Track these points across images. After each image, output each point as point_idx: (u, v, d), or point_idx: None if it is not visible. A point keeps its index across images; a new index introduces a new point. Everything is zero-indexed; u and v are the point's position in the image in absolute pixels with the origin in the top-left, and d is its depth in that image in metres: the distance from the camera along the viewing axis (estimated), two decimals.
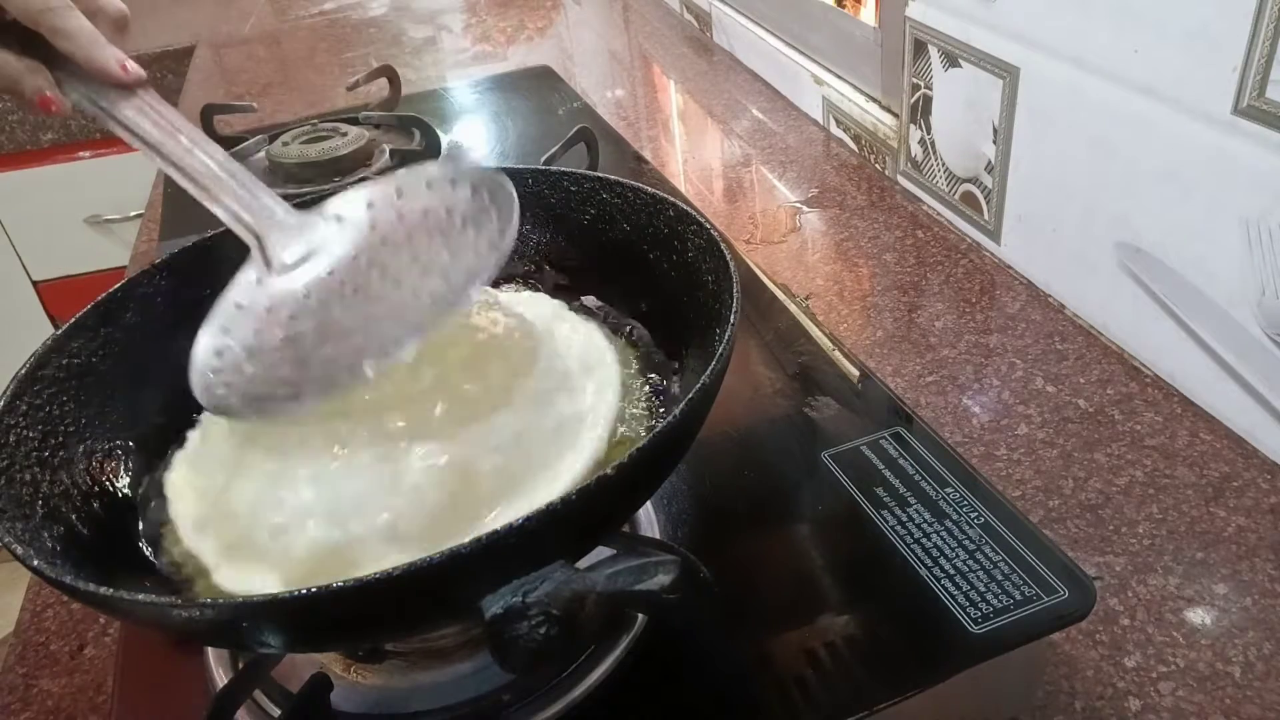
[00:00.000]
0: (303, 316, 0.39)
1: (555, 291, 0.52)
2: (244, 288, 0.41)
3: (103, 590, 0.29)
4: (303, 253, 0.41)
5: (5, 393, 0.38)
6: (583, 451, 0.36)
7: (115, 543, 0.39)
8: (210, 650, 0.42)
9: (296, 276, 0.41)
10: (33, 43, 0.41)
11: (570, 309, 0.45)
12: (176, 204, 0.93)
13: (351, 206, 0.42)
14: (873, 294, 0.72)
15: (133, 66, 0.42)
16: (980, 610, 0.40)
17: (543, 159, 0.76)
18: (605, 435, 0.37)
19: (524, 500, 0.34)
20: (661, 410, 0.44)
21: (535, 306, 0.44)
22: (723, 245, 0.42)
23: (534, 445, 0.35)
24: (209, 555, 0.36)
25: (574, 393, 0.38)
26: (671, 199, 0.45)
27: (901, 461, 0.48)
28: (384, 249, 0.41)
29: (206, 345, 0.38)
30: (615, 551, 0.36)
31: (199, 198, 0.42)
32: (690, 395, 0.33)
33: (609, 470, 0.30)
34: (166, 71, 1.59)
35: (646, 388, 0.46)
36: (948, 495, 0.46)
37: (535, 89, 1.13)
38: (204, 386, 0.37)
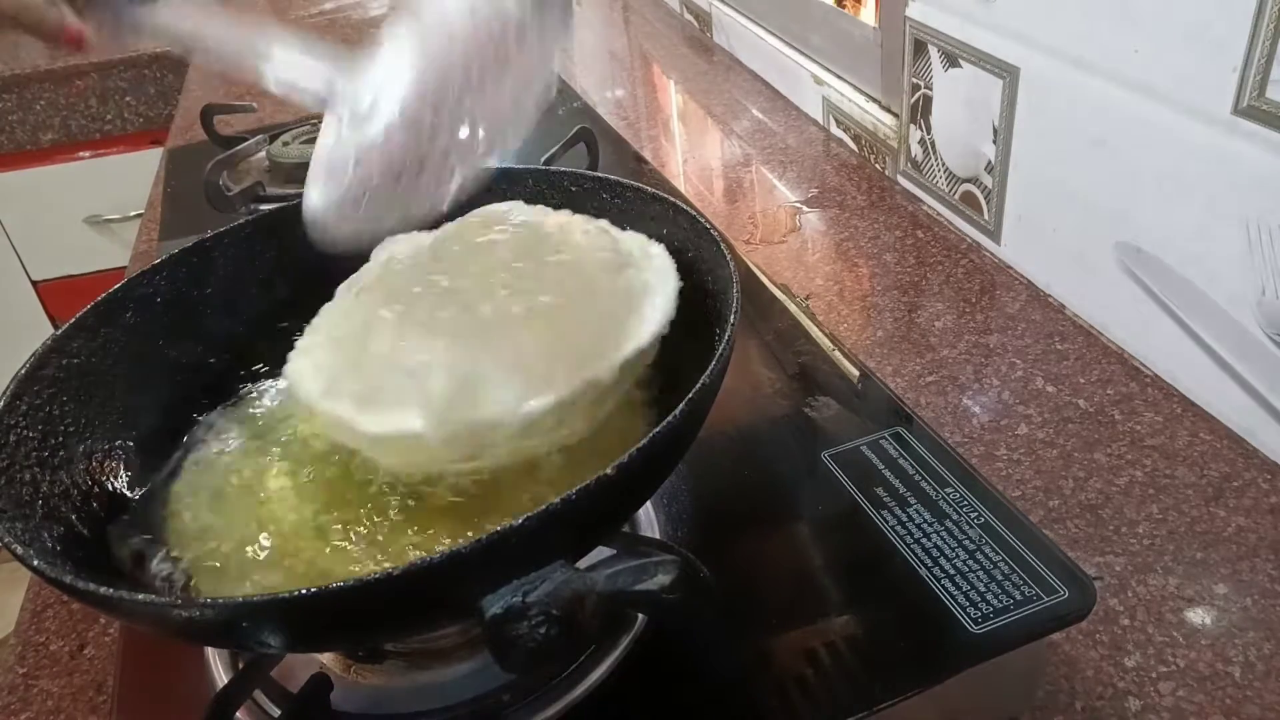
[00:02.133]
0: (387, 158, 0.42)
1: None
2: (328, 146, 0.43)
3: (103, 590, 0.29)
4: (369, 99, 0.43)
5: (5, 393, 0.38)
6: (656, 311, 0.40)
7: (115, 543, 0.39)
8: (210, 650, 0.42)
9: (373, 123, 0.43)
10: None
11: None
12: (176, 204, 0.93)
13: (394, 38, 0.44)
14: (873, 294, 0.72)
15: None
16: (980, 610, 0.40)
17: (543, 159, 0.76)
18: (673, 295, 0.41)
19: (627, 339, 0.38)
20: (660, 411, 0.44)
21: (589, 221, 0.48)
22: (723, 245, 0.42)
23: (617, 303, 0.40)
24: (345, 411, 0.37)
25: (639, 269, 0.42)
26: (671, 199, 0.45)
27: (901, 461, 0.48)
28: (438, 72, 0.43)
29: (315, 198, 0.42)
30: (615, 551, 0.36)
31: (250, 78, 0.43)
32: (690, 395, 0.34)
33: (609, 470, 0.30)
34: (167, 71, 1.59)
35: (646, 387, 0.46)
36: (948, 495, 0.46)
37: None
38: (322, 229, 0.42)
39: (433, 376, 0.36)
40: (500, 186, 0.51)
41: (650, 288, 0.41)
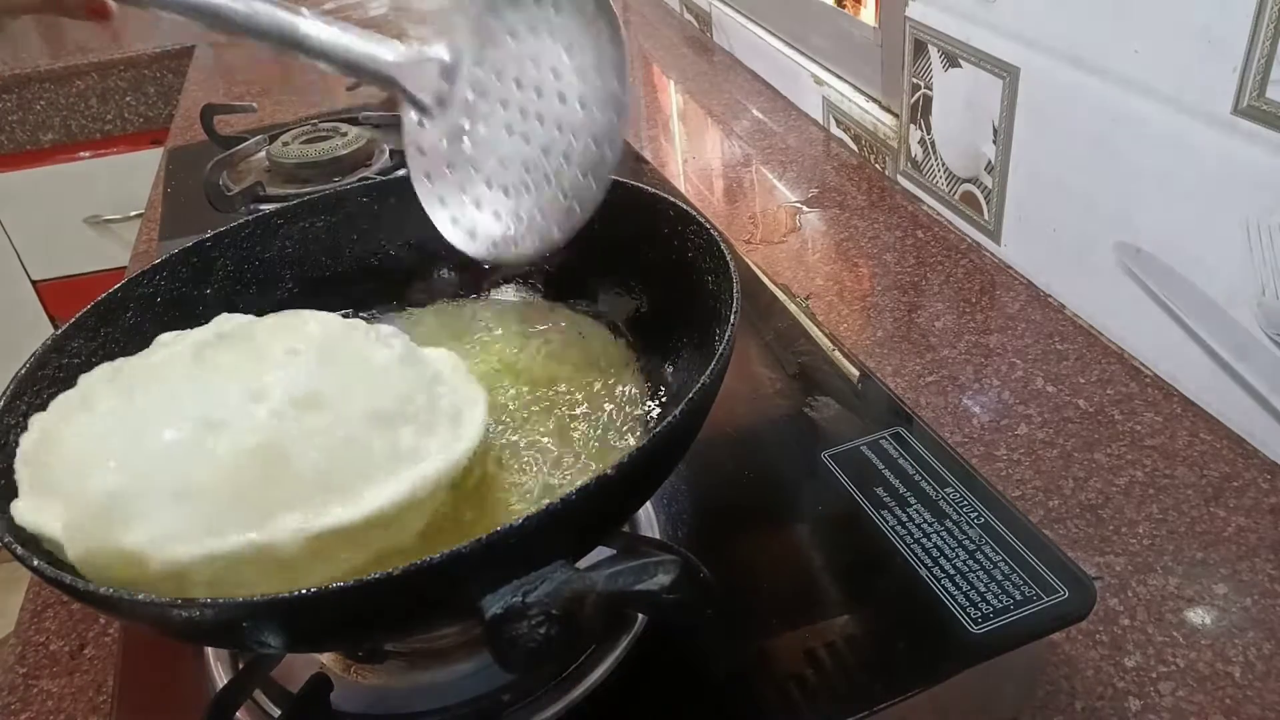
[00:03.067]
0: (476, 138, 0.43)
1: (551, 291, 0.52)
2: (414, 133, 0.44)
3: (103, 590, 0.29)
4: (434, 81, 0.44)
5: (5, 393, 0.38)
6: (400, 485, 0.34)
7: None
8: (210, 650, 0.42)
9: (450, 107, 0.44)
10: None
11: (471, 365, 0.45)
12: (176, 204, 0.93)
13: (447, 21, 0.44)
14: (873, 294, 0.72)
15: None
16: (980, 610, 0.40)
17: None
18: (432, 479, 0.35)
19: (323, 509, 0.32)
20: (661, 410, 0.44)
21: (444, 359, 0.43)
22: (723, 245, 0.42)
23: (357, 460, 0.34)
24: (23, 483, 0.34)
25: (426, 431, 0.36)
26: (671, 199, 0.45)
27: (901, 461, 0.48)
28: (497, 51, 0.43)
29: (433, 209, 0.43)
30: (615, 551, 0.36)
31: (306, 58, 0.42)
32: (690, 395, 0.34)
33: (609, 470, 0.30)
34: (166, 71, 1.59)
35: (646, 388, 0.46)
36: (948, 495, 0.46)
37: None
38: (467, 244, 0.43)
39: (95, 478, 0.32)
40: None
41: (418, 455, 0.35)
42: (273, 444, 0.32)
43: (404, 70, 0.43)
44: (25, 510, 0.33)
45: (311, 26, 0.41)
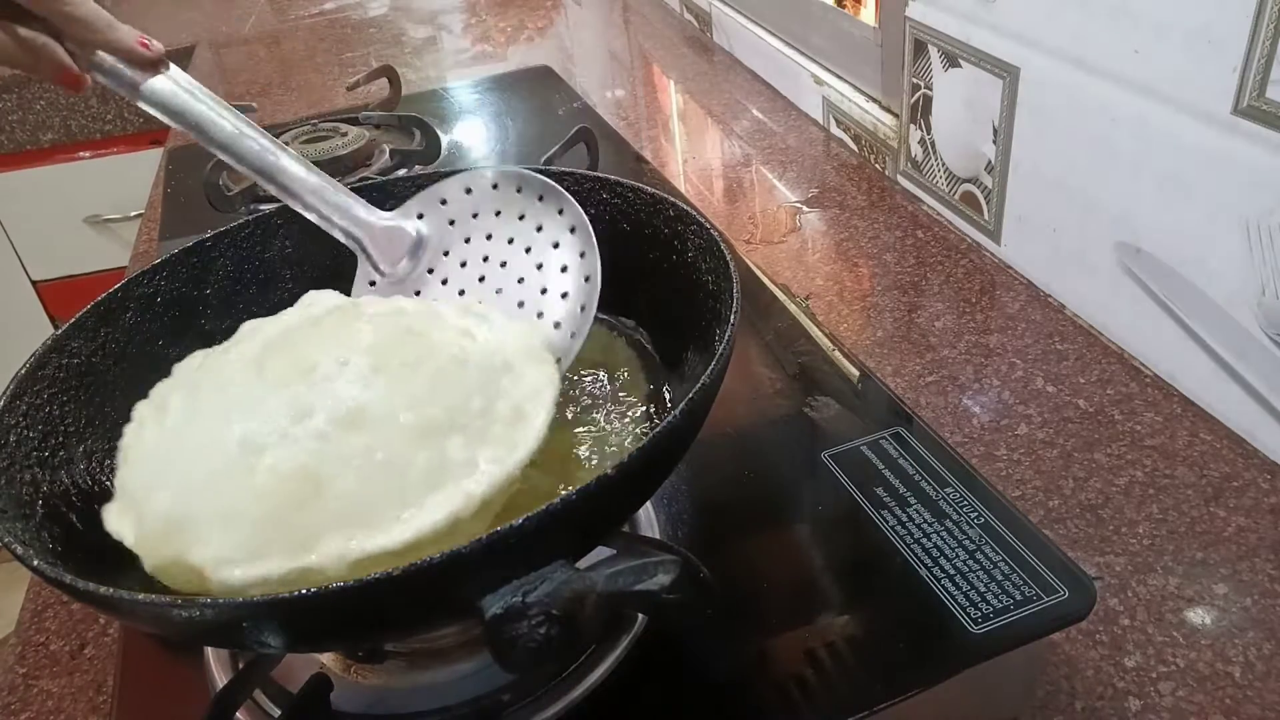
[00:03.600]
0: None
1: None
2: (362, 292, 0.46)
3: (103, 590, 0.29)
4: (400, 254, 0.46)
5: (5, 393, 0.38)
6: (440, 508, 0.33)
7: (115, 542, 0.39)
8: (210, 650, 0.42)
9: (407, 280, 0.46)
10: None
11: (555, 349, 0.43)
12: (176, 204, 0.93)
13: (429, 203, 0.47)
14: (873, 294, 0.72)
15: (155, 44, 0.42)
16: (980, 610, 0.40)
17: (543, 159, 0.76)
18: (478, 497, 0.34)
19: (361, 537, 0.32)
20: (661, 411, 0.44)
21: (515, 337, 0.41)
22: (722, 245, 0.42)
23: (393, 484, 0.33)
24: (118, 486, 0.36)
25: (478, 439, 0.35)
26: (671, 199, 0.45)
27: (901, 461, 0.48)
28: (468, 247, 0.46)
29: None
30: (615, 551, 0.36)
31: (274, 189, 0.44)
32: (690, 395, 0.33)
33: (609, 470, 0.30)
34: None
35: (646, 388, 0.46)
36: (948, 495, 0.46)
37: (535, 89, 1.13)
38: None
39: (155, 498, 0.33)
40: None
41: (471, 467, 0.34)
42: (308, 468, 0.32)
43: (374, 233, 0.46)
44: (110, 517, 0.35)
45: (292, 163, 0.43)
